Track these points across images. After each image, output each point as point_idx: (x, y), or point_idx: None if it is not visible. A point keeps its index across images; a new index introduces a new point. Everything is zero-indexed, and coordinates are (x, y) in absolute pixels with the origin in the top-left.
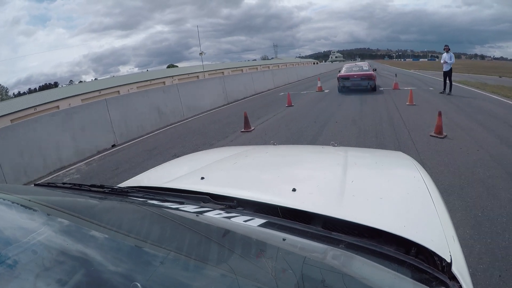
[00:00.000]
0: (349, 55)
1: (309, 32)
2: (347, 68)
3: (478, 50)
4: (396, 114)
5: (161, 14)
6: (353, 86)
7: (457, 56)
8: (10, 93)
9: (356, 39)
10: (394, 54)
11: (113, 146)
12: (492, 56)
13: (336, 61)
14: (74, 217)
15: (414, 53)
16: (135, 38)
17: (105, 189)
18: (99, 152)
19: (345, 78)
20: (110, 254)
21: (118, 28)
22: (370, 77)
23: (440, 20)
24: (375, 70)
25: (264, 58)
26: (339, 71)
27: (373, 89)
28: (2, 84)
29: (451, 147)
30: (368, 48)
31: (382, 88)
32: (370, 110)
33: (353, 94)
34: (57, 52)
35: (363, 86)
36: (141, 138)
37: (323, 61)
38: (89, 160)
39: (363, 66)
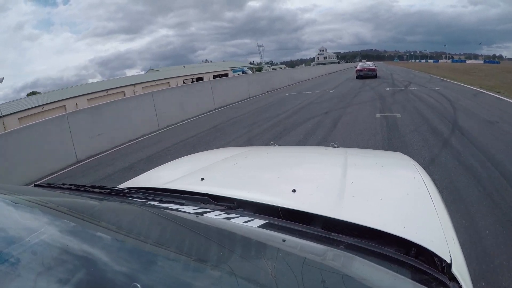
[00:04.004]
0: (353, 56)
1: (315, 34)
2: (360, 65)
3: (485, 51)
4: None
5: (165, 18)
6: (364, 75)
7: (474, 57)
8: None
9: (362, 40)
10: (405, 55)
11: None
12: (504, 57)
13: (324, 63)
14: (74, 217)
15: (423, 54)
16: (140, 42)
17: (105, 189)
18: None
19: (360, 70)
20: (109, 255)
21: (123, 32)
22: (373, 70)
23: (446, 20)
24: (377, 66)
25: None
26: (356, 67)
27: (375, 77)
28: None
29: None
30: (375, 49)
31: None
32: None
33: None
34: (63, 57)
35: (369, 75)
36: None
37: (303, 64)
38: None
39: (369, 64)
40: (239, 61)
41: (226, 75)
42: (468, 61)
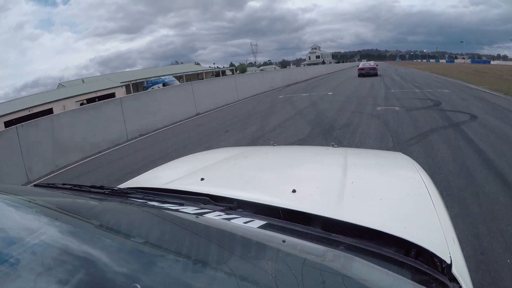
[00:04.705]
0: (351, 56)
1: (315, 34)
2: (362, 64)
3: (486, 51)
4: None
5: (165, 18)
6: (365, 73)
7: (478, 57)
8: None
9: (363, 40)
10: (407, 55)
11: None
12: (508, 57)
13: (316, 63)
14: (73, 218)
15: (425, 53)
16: (140, 42)
17: (105, 190)
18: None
19: (362, 69)
20: (109, 256)
21: (123, 32)
22: (374, 69)
23: (448, 20)
24: (377, 65)
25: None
26: (358, 66)
27: (376, 75)
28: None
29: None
30: (376, 49)
31: None
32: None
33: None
34: (64, 56)
35: (370, 73)
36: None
37: (291, 64)
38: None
39: (370, 63)
40: (240, 61)
41: (111, 95)
42: (493, 62)
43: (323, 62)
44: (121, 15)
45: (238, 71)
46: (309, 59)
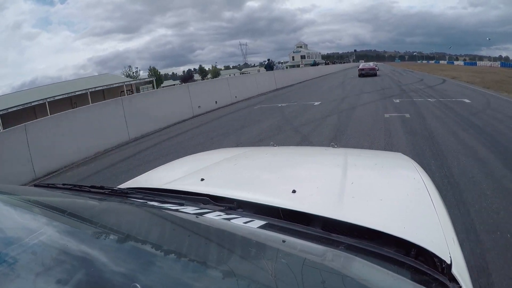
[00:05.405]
0: (347, 56)
1: (314, 35)
2: (362, 65)
3: (484, 52)
4: None
5: (163, 17)
6: (365, 73)
7: (479, 59)
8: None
9: (361, 41)
10: (406, 56)
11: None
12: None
13: (299, 65)
14: (73, 218)
15: (423, 54)
16: (138, 42)
17: (105, 190)
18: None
19: (362, 69)
20: (109, 255)
21: (121, 32)
22: (374, 69)
23: (446, 21)
24: (377, 65)
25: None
26: (358, 67)
27: (375, 75)
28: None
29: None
30: (375, 50)
31: None
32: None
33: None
34: (61, 55)
35: (370, 73)
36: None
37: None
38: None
39: (370, 64)
40: (238, 61)
41: None
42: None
43: (269, 67)
44: (118, 14)
45: (210, 75)
46: (293, 59)
